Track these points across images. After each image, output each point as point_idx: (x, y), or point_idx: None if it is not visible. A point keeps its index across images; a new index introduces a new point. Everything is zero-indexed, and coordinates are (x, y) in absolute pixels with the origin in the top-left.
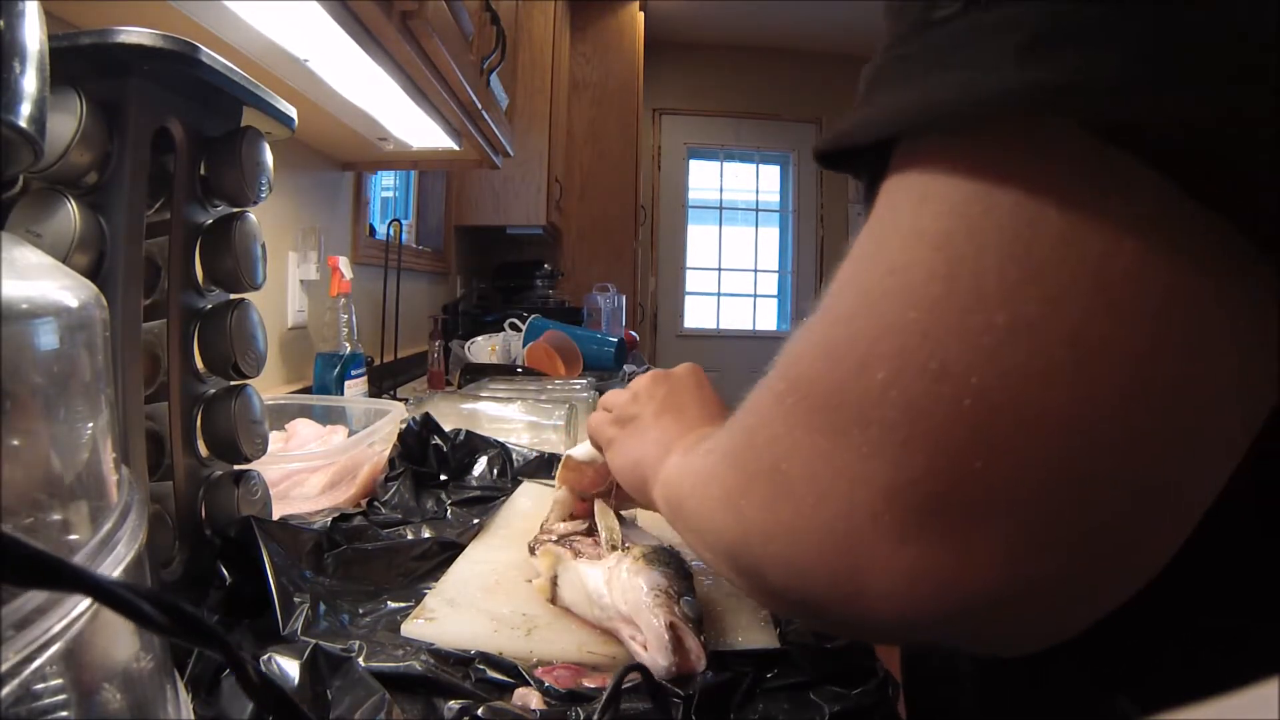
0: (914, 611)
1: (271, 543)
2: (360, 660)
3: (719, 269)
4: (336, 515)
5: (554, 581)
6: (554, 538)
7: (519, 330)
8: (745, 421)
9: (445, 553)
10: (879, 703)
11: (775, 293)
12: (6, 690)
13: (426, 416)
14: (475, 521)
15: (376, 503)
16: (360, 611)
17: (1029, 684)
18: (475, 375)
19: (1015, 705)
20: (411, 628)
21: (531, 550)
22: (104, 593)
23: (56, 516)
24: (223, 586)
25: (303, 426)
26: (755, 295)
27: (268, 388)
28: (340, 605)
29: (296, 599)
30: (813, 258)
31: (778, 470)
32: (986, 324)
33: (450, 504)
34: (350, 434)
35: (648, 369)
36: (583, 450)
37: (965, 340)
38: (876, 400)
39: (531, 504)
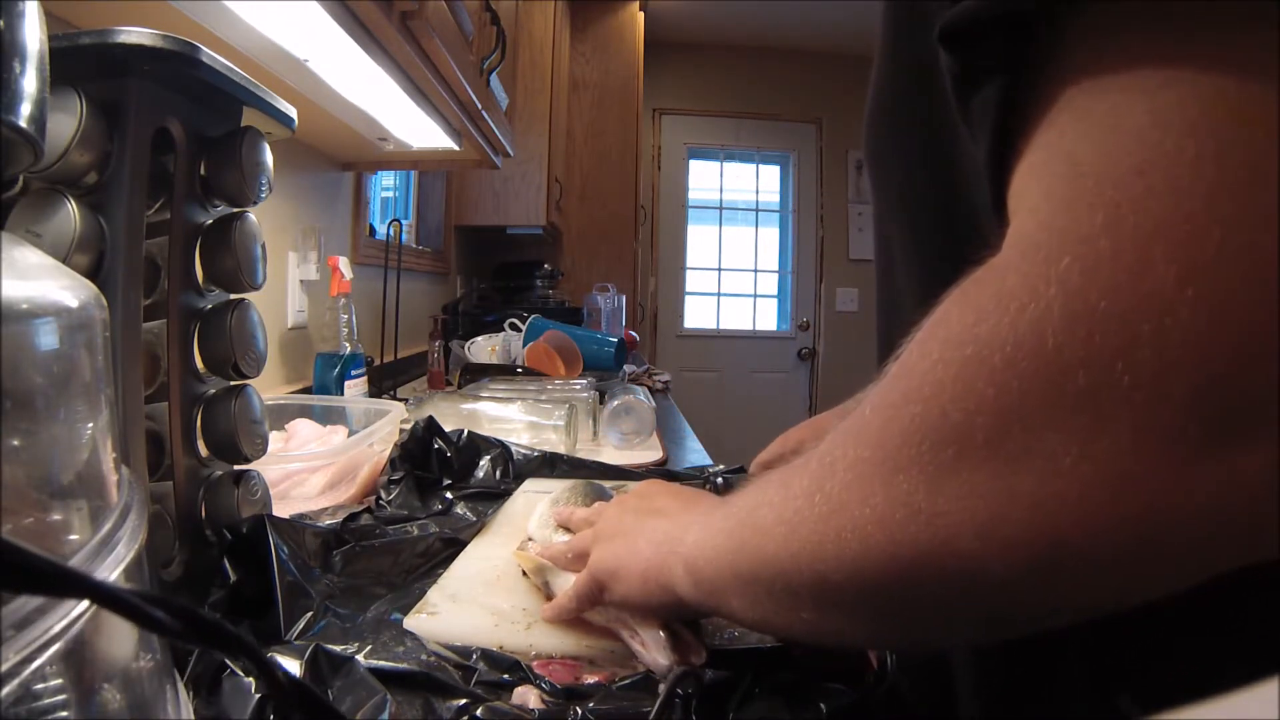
0: (1222, 541)
1: (282, 541)
2: (361, 659)
3: (719, 269)
4: (346, 515)
5: (546, 584)
6: (535, 548)
7: (519, 330)
8: (928, 393)
9: (448, 549)
10: (879, 701)
11: (775, 293)
12: (6, 690)
13: (431, 420)
14: (476, 519)
15: (382, 501)
16: (364, 608)
17: (1029, 684)
18: (475, 375)
19: (1015, 705)
20: (414, 622)
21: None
22: (112, 599)
23: (56, 516)
24: (225, 585)
25: (303, 426)
26: (755, 295)
27: (268, 388)
28: (345, 602)
29: (301, 598)
30: (813, 258)
31: (998, 435)
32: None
33: (455, 499)
34: (350, 434)
35: (647, 369)
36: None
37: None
38: (1170, 300)
39: (533, 501)
